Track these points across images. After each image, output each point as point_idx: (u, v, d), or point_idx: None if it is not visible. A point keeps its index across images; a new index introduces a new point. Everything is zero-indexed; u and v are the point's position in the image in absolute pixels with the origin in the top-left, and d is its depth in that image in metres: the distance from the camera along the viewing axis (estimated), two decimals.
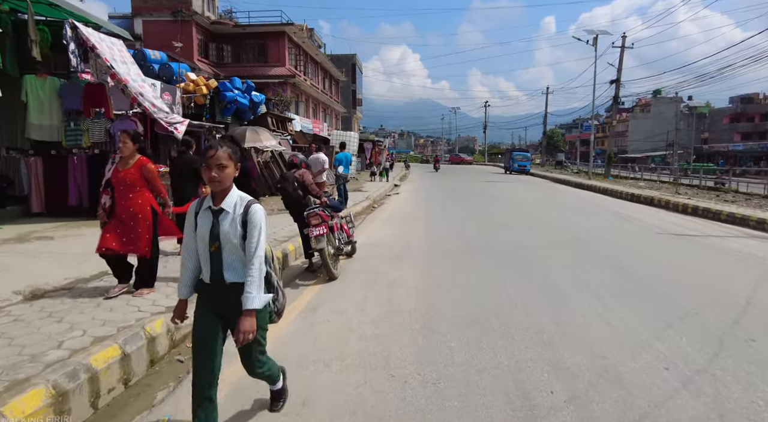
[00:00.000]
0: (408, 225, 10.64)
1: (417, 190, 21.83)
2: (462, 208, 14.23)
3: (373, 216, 12.62)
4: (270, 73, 27.71)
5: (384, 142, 48.43)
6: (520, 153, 40.25)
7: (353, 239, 7.02)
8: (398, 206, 15.27)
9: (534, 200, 17.01)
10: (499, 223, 10.78)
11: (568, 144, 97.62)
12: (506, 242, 8.38)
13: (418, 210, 13.74)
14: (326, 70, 39.96)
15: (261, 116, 19.06)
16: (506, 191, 21.04)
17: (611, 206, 15.53)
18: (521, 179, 31.68)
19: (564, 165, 50.52)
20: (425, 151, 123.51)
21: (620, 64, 29.00)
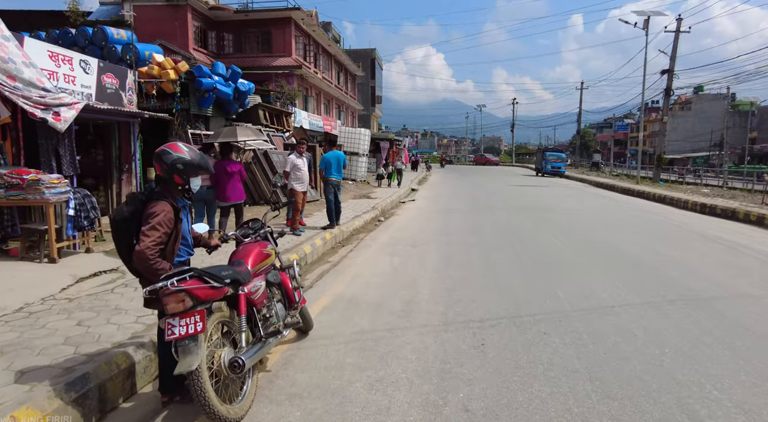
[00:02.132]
0: (417, 256, 7.46)
1: (436, 196, 18.58)
2: (493, 226, 10.94)
3: (374, 236, 9.49)
4: (274, 63, 24.92)
5: (403, 141, 45.28)
6: (554, 153, 36.43)
7: (300, 307, 3.89)
8: (410, 219, 12.09)
9: (588, 216, 13.51)
10: (555, 259, 7.22)
11: (599, 144, 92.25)
12: (583, 306, 5.00)
13: (434, 228, 10.54)
14: (341, 64, 37.02)
15: (251, 109, 16.16)
16: (546, 200, 17.56)
17: (689, 223, 11.98)
18: (558, 183, 28.02)
19: (600, 167, 46.29)
20: (448, 151, 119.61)
21: (674, 52, 25.11)
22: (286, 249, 7.19)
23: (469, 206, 15.07)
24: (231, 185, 7.61)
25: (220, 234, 9.18)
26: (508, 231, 9.95)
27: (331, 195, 9.21)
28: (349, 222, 10.52)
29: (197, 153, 3.02)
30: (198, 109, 13.83)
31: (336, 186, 9.28)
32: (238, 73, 14.84)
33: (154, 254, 2.73)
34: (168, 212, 2.86)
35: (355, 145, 20.78)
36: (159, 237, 2.77)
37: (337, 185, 9.31)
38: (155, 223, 2.77)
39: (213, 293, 2.68)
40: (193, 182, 2.99)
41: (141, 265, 2.71)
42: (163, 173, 2.92)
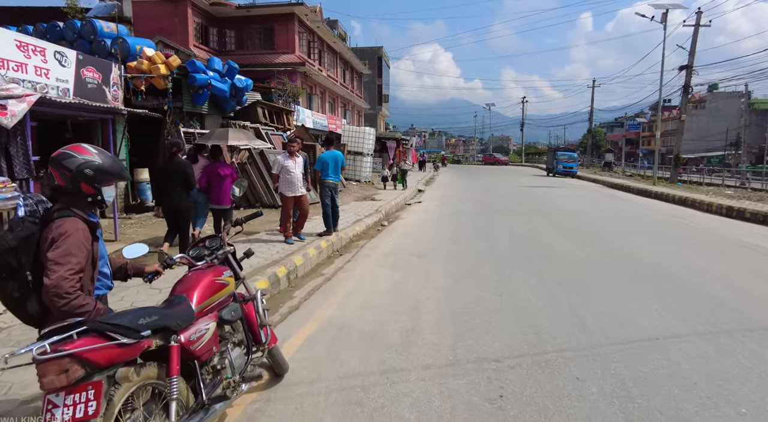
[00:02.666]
0: (421, 269, 6.63)
1: (444, 198, 17.72)
2: (506, 232, 10.08)
3: (375, 244, 8.67)
4: (277, 60, 24.19)
5: (411, 140, 44.42)
6: (566, 153, 35.37)
7: (268, 348, 3.08)
8: (416, 223, 11.25)
9: (608, 220, 12.58)
10: (579, 273, 6.32)
11: (610, 144, 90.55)
12: (620, 338, 4.11)
13: (441, 234, 9.70)
14: (347, 62, 36.24)
15: (249, 107, 15.42)
16: (560, 202, 16.64)
17: (718, 228, 11.03)
18: (570, 184, 27.02)
19: (612, 167, 45.08)
20: (457, 150, 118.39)
21: (693, 47, 24.01)
22: (274, 261, 6.41)
23: (479, 208, 14.19)
24: (224, 188, 7.19)
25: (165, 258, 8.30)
26: (523, 238, 9.07)
27: (328, 199, 8.40)
28: (349, 228, 9.72)
29: (109, 156, 2.24)
30: (192, 106, 13.11)
31: (333, 189, 8.47)
32: (235, 68, 14.10)
33: (74, 287, 1.98)
34: (82, 230, 2.10)
35: (360, 144, 19.98)
36: (77, 264, 2.02)
37: (335, 188, 8.50)
38: (68, 246, 2.01)
39: (121, 352, 1.88)
40: (106, 193, 2.21)
41: (57, 305, 1.95)
42: (66, 181, 2.14)
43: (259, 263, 6.31)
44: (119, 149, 10.01)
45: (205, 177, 7.17)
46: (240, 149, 12.17)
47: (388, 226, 10.99)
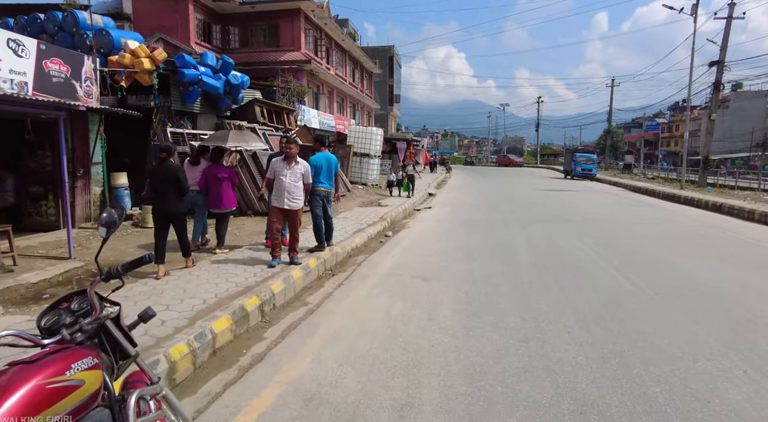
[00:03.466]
0: (425, 300, 5.43)
1: (456, 203, 16.46)
2: (529, 247, 8.84)
3: (375, 260, 7.48)
4: (282, 58, 23.19)
5: (422, 141, 43.20)
6: (584, 155, 33.78)
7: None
8: (423, 234, 10.04)
9: (644, 231, 11.20)
10: (628, 309, 4.98)
11: (627, 145, 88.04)
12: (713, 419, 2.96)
13: (451, 248, 8.48)
14: (356, 61, 35.16)
15: (246, 105, 14.37)
16: (584, 209, 15.29)
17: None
18: (591, 188, 25.53)
19: (632, 169, 43.26)
20: (470, 151, 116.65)
21: (725, 41, 22.38)
22: (248, 287, 5.27)
23: (495, 215, 12.92)
24: (223, 192, 7.22)
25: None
26: (550, 256, 7.80)
27: (320, 209, 7.24)
28: (347, 240, 8.56)
29: None
30: (182, 104, 12.08)
31: (325, 198, 7.32)
32: (229, 64, 13.05)
33: None
34: None
35: (366, 145, 18.83)
36: None
37: (327, 197, 7.35)
38: None
39: None
40: None
41: None
42: None
43: (228, 290, 5.17)
44: (93, 150, 8.99)
45: (203, 179, 7.14)
46: (231, 150, 11.11)
47: (392, 237, 9.80)
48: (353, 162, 18.85)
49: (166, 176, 5.78)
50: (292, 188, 6.49)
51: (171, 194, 5.81)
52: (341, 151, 19.10)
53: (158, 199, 5.86)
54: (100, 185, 9.29)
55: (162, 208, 5.86)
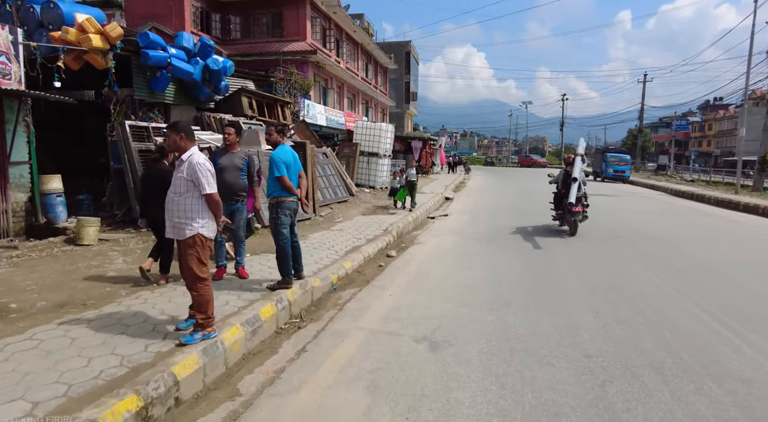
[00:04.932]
0: (430, 390, 3.25)
1: (477, 210, 14.18)
2: (580, 278, 6.60)
3: (360, 305, 5.31)
4: (286, 49, 21.21)
5: (439, 140, 40.85)
6: (617, 155, 30.97)
7: None
8: (436, 255, 7.83)
9: (725, 253, 8.80)
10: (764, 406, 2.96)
11: (655, 145, 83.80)
12: None
13: (473, 280, 6.27)
14: (369, 55, 33.02)
15: (232, 96, 12.39)
16: (633, 219, 12.88)
17: None
18: (628, 192, 22.91)
19: (667, 171, 40.12)
20: (489, 152, 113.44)
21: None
22: (134, 371, 3.17)
23: (526, 228, 10.63)
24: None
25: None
26: (614, 298, 5.51)
27: (285, 227, 5.12)
28: (335, 264, 6.43)
29: None
30: (148, 93, 10.13)
31: (293, 212, 5.20)
32: (209, 46, 11.06)
33: None
34: None
35: (375, 143, 16.68)
36: None
37: (295, 210, 5.24)
38: None
39: None
40: None
41: None
42: None
43: (99, 376, 3.08)
44: (11, 146, 7.04)
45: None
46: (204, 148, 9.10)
47: (396, 258, 7.63)
48: (360, 162, 16.72)
49: (155, 180, 5.16)
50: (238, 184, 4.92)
51: (159, 200, 4.81)
52: (347, 149, 17.01)
53: (150, 205, 5.19)
54: (26, 190, 7.33)
55: (149, 215, 5.27)
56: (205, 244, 3.61)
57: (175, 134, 3.94)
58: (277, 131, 5.24)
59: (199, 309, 3.66)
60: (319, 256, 7.01)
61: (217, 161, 5.27)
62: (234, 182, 5.29)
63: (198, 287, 3.63)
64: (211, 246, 3.70)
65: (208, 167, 3.58)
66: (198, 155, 3.63)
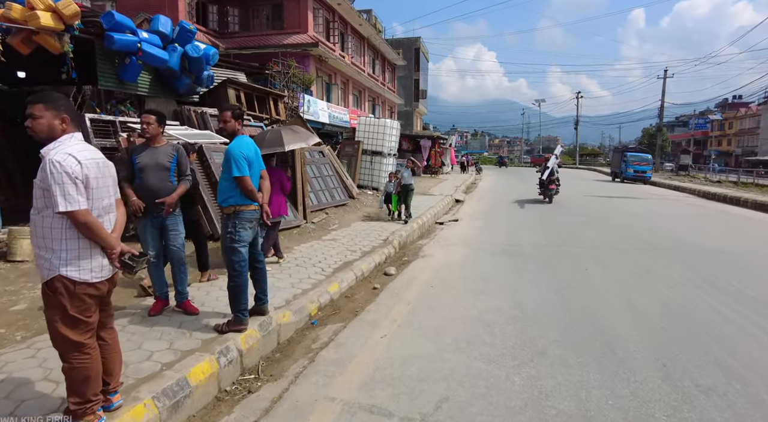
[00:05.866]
0: None
1: (490, 215, 12.78)
2: (629, 321, 5.19)
3: (345, 351, 3.97)
4: (286, 41, 19.98)
5: (449, 139, 39.39)
6: (637, 154, 29.22)
7: None
8: (443, 273, 6.46)
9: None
10: None
11: (671, 144, 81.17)
12: None
13: (491, 314, 4.91)
14: (376, 50, 31.69)
15: (218, 88, 11.15)
16: (671, 226, 11.41)
17: None
18: (652, 194, 21.31)
19: (689, 171, 38.20)
20: (501, 151, 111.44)
21: None
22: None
23: (549, 237, 9.22)
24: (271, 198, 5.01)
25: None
26: (681, 334, 4.13)
27: (244, 245, 3.82)
28: (314, 291, 5.12)
29: None
30: (116, 82, 8.90)
31: (255, 224, 3.91)
32: (189, 31, 9.78)
33: None
34: None
35: (378, 141, 15.35)
36: None
37: (258, 221, 3.95)
38: None
39: None
40: None
41: None
42: None
43: None
44: None
45: None
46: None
47: (396, 277, 6.30)
48: (362, 162, 15.41)
49: None
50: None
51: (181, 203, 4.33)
52: (348, 148, 15.70)
53: None
54: None
55: None
56: (76, 292, 2.29)
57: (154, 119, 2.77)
58: (234, 116, 3.92)
59: (73, 390, 2.36)
60: (299, 276, 5.70)
61: (135, 159, 3.99)
62: (159, 185, 3.99)
63: (71, 357, 2.33)
64: (91, 293, 2.38)
65: (71, 169, 2.23)
66: (63, 148, 2.30)
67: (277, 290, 5.04)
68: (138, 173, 3.97)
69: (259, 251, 4.12)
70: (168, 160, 4.05)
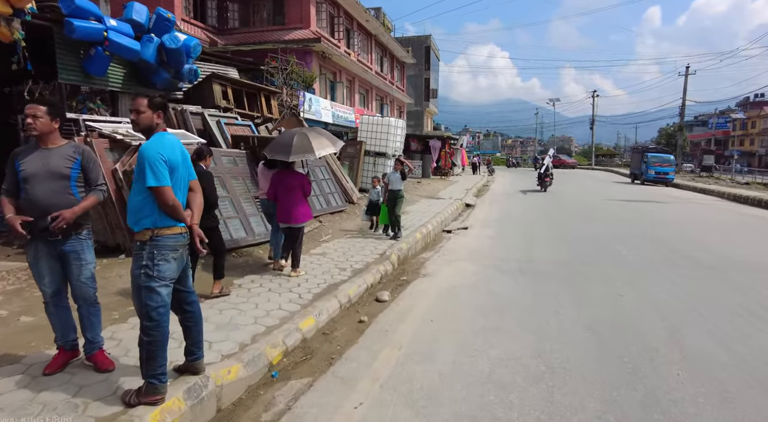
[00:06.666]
0: None
1: (504, 223, 11.60)
2: (701, 374, 3.97)
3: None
4: (287, 37, 19.02)
5: (461, 140, 38.13)
6: (658, 155, 27.67)
7: None
8: (447, 299, 5.34)
9: None
10: None
11: (690, 144, 78.65)
12: None
13: (509, 383, 3.79)
14: (384, 47, 30.63)
15: (203, 83, 10.17)
16: (705, 238, 10.19)
17: None
18: (679, 197, 19.90)
19: (713, 172, 36.45)
20: (513, 152, 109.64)
21: None
22: None
23: (574, 252, 8.04)
24: (293, 203, 5.70)
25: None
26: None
27: (166, 285, 2.76)
28: (281, 329, 4.07)
29: None
30: (81, 76, 7.95)
31: (182, 254, 2.85)
32: (167, 20, 8.82)
33: None
34: None
35: (382, 141, 14.27)
36: None
37: (185, 247, 2.89)
38: None
39: None
40: None
41: None
42: None
43: None
44: None
45: (272, 188, 5.81)
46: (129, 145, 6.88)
47: (389, 305, 5.20)
48: (365, 164, 14.34)
49: None
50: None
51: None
52: (350, 149, 14.62)
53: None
54: None
55: None
56: None
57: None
58: (151, 105, 2.85)
59: None
60: (268, 306, 4.65)
61: (18, 166, 2.95)
62: (52, 200, 2.94)
63: None
64: None
65: None
66: None
67: (232, 329, 3.99)
68: (22, 184, 2.93)
69: (190, 289, 3.05)
70: (67, 165, 3.00)
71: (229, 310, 4.50)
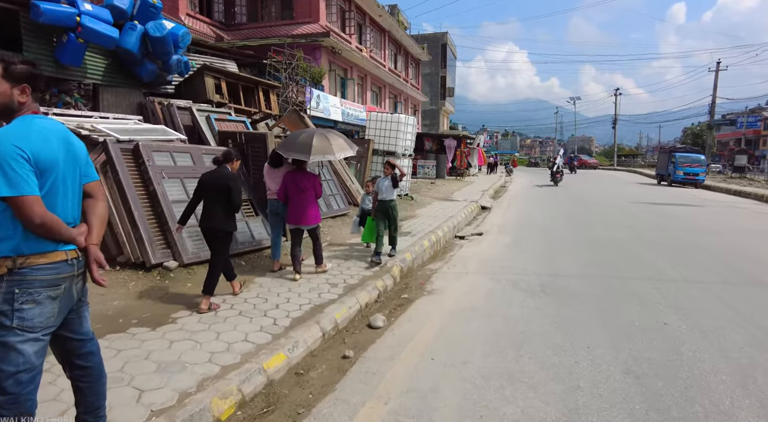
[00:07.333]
0: None
1: (522, 227, 10.60)
2: None
3: None
4: (295, 32, 18.28)
5: (477, 139, 36.96)
6: (688, 155, 26.13)
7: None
8: (448, 331, 4.41)
9: None
10: None
11: (717, 144, 75.60)
12: None
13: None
14: (399, 44, 29.70)
15: (194, 76, 9.41)
16: (761, 249, 9.04)
17: None
18: (713, 201, 18.53)
19: (746, 173, 34.56)
20: (532, 152, 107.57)
21: None
22: None
23: (599, 260, 7.02)
24: (303, 204, 5.59)
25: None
26: None
27: (31, 341, 1.90)
28: (240, 370, 3.16)
29: None
30: (53, 66, 7.24)
31: (60, 290, 1.99)
32: (151, 6, 8.07)
33: None
34: None
35: (391, 140, 13.37)
36: None
37: (70, 281, 2.04)
38: None
39: None
40: None
41: None
42: None
43: None
44: None
45: (282, 189, 5.64)
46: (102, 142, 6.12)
47: (383, 333, 4.31)
48: (372, 163, 13.45)
49: (215, 185, 4.55)
50: None
51: (219, 208, 4.55)
52: (358, 148, 13.75)
53: (204, 211, 4.62)
54: None
55: (207, 222, 4.59)
56: None
57: None
58: (6, 74, 1.98)
59: None
60: (231, 336, 3.81)
61: None
62: None
63: None
64: None
65: None
66: None
67: (177, 371, 3.15)
68: None
69: (86, 335, 2.20)
70: None
71: (181, 342, 3.67)
